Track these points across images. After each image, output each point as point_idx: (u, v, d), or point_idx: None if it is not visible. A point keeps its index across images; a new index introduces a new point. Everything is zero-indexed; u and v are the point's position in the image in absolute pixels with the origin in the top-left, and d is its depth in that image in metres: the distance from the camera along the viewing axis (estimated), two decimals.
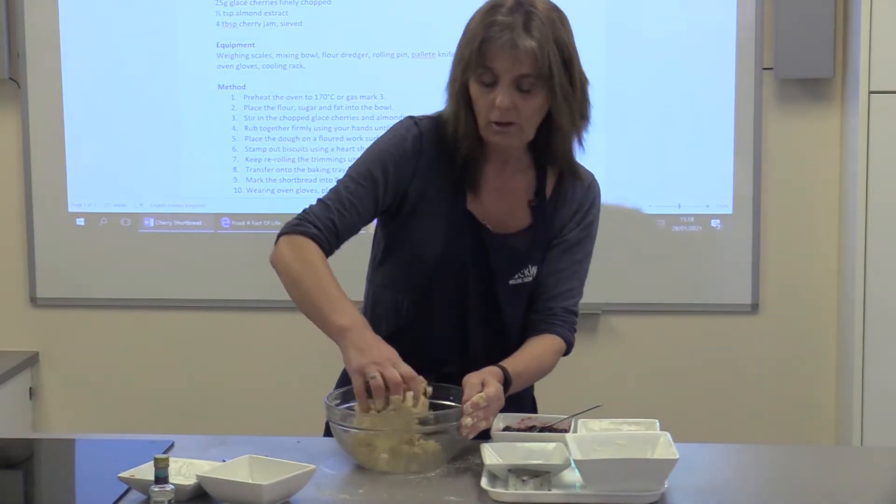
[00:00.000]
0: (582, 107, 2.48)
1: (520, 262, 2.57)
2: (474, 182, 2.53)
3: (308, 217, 2.50)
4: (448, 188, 2.53)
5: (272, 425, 4.43)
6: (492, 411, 2.39)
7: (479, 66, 2.42)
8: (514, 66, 2.39)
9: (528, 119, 2.45)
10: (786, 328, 4.37)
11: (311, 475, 2.22)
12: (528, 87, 2.41)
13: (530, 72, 2.39)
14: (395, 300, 2.58)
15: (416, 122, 2.55)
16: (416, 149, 2.52)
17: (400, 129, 2.55)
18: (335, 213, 2.50)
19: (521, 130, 2.46)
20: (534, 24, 2.39)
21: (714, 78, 4.26)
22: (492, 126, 2.45)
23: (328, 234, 2.49)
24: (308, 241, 2.47)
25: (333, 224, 2.49)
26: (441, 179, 2.52)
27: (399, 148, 2.52)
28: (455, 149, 2.51)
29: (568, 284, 2.62)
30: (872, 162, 3.97)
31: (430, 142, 2.52)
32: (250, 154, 4.43)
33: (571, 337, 2.63)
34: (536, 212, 2.57)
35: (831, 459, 2.56)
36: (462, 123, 2.48)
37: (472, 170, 2.53)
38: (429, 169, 2.52)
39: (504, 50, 2.39)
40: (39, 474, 2.54)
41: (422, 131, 2.53)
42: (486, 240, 2.54)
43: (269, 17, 4.38)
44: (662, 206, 4.33)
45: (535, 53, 2.38)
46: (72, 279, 4.50)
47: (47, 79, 4.42)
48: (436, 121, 2.54)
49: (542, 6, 2.43)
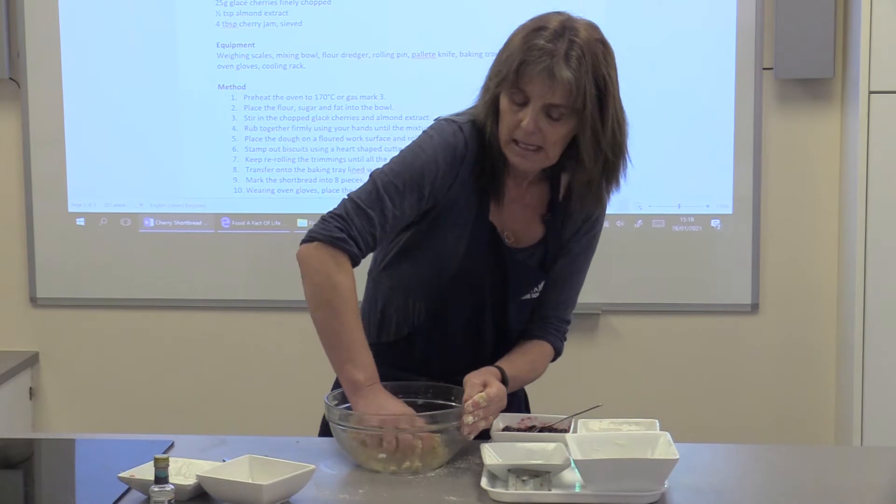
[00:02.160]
0: (613, 146, 2.43)
1: (534, 279, 2.57)
2: (499, 192, 2.50)
3: (351, 231, 2.40)
4: (476, 197, 2.49)
5: (272, 425, 4.43)
6: (492, 411, 2.40)
7: (513, 85, 2.38)
8: (548, 95, 2.36)
9: (553, 145, 2.41)
10: (786, 328, 4.37)
11: (311, 475, 2.22)
12: (558, 116, 2.38)
13: (563, 103, 2.36)
14: (408, 304, 2.56)
15: (460, 126, 2.47)
16: (461, 157, 2.46)
17: (447, 137, 2.46)
18: (378, 228, 2.42)
19: (546, 156, 2.43)
20: (574, 54, 2.35)
21: (714, 78, 4.26)
22: (512, 146, 2.41)
23: (366, 250, 2.43)
24: (348, 261, 2.40)
25: (374, 240, 2.43)
26: (473, 188, 2.48)
27: (449, 158, 2.45)
28: (490, 155, 2.47)
29: (566, 294, 2.63)
30: (872, 162, 3.97)
31: (473, 149, 2.47)
32: (250, 154, 4.43)
33: (561, 346, 2.65)
34: (549, 225, 2.57)
35: (831, 459, 2.55)
36: (488, 133, 2.45)
37: (498, 179, 2.50)
38: (467, 178, 2.48)
39: (540, 77, 2.35)
40: (39, 474, 2.54)
41: (467, 139, 2.46)
42: (503, 255, 2.53)
43: (269, 17, 4.38)
44: (662, 206, 4.33)
45: (570, 85, 2.34)
46: (72, 279, 4.50)
47: (47, 79, 4.42)
48: (475, 125, 2.48)
49: (585, 35, 2.38)
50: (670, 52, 4.27)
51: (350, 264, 2.40)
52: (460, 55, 4.17)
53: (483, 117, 2.46)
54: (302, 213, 4.39)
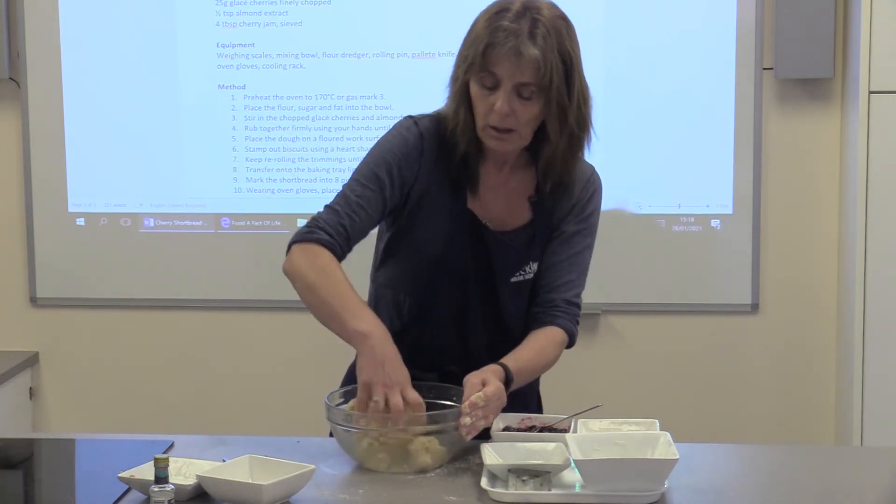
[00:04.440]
0: (579, 119, 2.47)
1: (520, 260, 2.57)
2: (473, 181, 2.54)
3: (318, 224, 2.49)
4: (448, 188, 2.54)
5: (272, 425, 4.43)
6: (492, 410, 2.39)
7: (482, 69, 2.42)
8: (517, 74, 2.40)
9: (526, 125, 2.46)
10: (786, 328, 4.37)
11: (311, 475, 2.23)
12: (528, 95, 2.42)
13: (532, 80, 2.40)
14: (397, 299, 2.59)
15: (416, 121, 2.56)
16: (418, 149, 2.52)
17: (401, 130, 2.55)
18: (345, 217, 2.49)
19: (519, 136, 2.47)
20: (539, 32, 2.39)
21: (714, 78, 4.26)
22: (489, 130, 2.46)
23: (340, 239, 2.49)
24: (321, 248, 2.47)
25: (344, 229, 2.49)
26: (442, 179, 2.53)
27: (402, 148, 2.52)
28: (454, 147, 2.51)
29: (567, 276, 2.61)
30: (872, 162, 3.97)
31: (430, 141, 2.53)
32: (250, 154, 4.43)
33: (573, 328, 2.61)
34: (536, 207, 2.58)
35: (831, 459, 2.56)
36: (461, 122, 2.49)
37: (471, 168, 2.54)
38: (431, 169, 2.53)
39: (508, 56, 2.39)
40: (39, 474, 2.54)
41: (422, 131, 2.53)
42: (486, 239, 2.55)
43: (269, 17, 4.38)
44: (662, 206, 4.33)
45: (537, 62, 2.39)
46: (72, 279, 4.50)
47: (47, 79, 4.42)
48: (435, 120, 2.55)
49: (548, 13, 2.43)
50: (670, 52, 4.27)
51: (323, 250, 2.47)
52: None
53: (455, 106, 2.49)
54: (302, 213, 4.39)
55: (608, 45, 4.24)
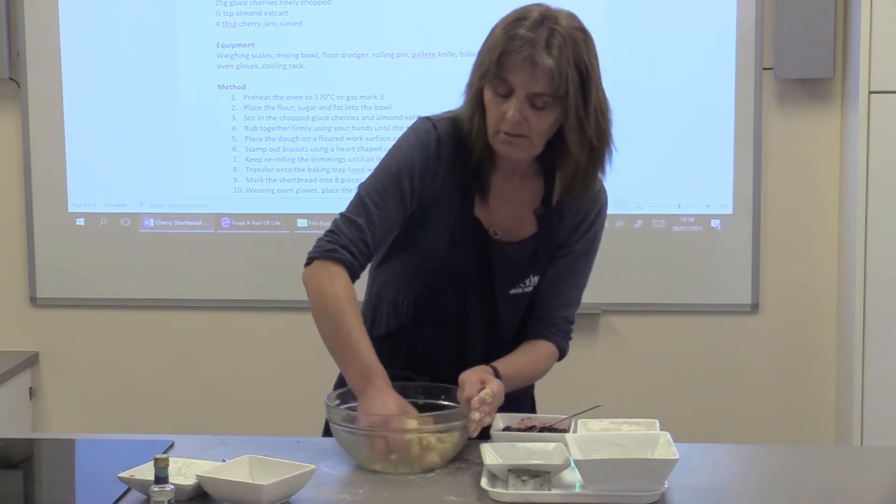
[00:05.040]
0: (598, 132, 2.45)
1: (522, 273, 2.57)
2: (483, 187, 2.52)
3: (341, 241, 2.46)
4: (458, 193, 2.52)
5: (272, 425, 4.43)
6: (495, 407, 2.41)
7: (496, 76, 2.40)
8: (531, 83, 2.38)
9: (539, 134, 2.43)
10: (786, 328, 4.37)
11: (311, 475, 2.23)
12: (542, 105, 2.39)
13: (546, 91, 2.38)
14: (396, 299, 2.59)
15: (434, 124, 2.52)
16: (435, 155, 2.49)
17: (420, 135, 2.51)
18: (367, 233, 2.46)
19: (531, 144, 2.44)
20: (555, 42, 2.37)
21: (714, 78, 4.26)
22: (500, 135, 2.43)
23: (361, 258, 2.47)
24: (341, 269, 2.44)
25: (367, 246, 2.47)
26: (453, 184, 2.51)
27: (423, 156, 2.49)
28: (469, 151, 2.49)
29: (567, 295, 2.63)
30: (872, 162, 3.97)
31: (446, 146, 2.50)
32: (250, 154, 4.43)
33: (566, 346, 2.65)
34: (542, 220, 2.57)
35: (831, 459, 2.56)
36: (475, 128, 2.47)
37: (482, 175, 2.52)
38: (445, 174, 2.50)
39: (522, 65, 2.37)
40: (39, 474, 2.54)
41: (440, 135, 2.50)
42: (490, 248, 2.54)
43: (269, 17, 4.38)
44: (662, 206, 4.33)
45: (552, 72, 2.36)
46: (72, 279, 4.50)
47: (47, 79, 4.42)
48: (452, 122, 2.52)
49: (565, 24, 2.41)
50: (670, 53, 4.27)
51: (344, 272, 2.45)
52: (460, 55, 4.16)
53: (470, 112, 2.47)
54: (302, 213, 4.39)
55: (608, 45, 4.22)
